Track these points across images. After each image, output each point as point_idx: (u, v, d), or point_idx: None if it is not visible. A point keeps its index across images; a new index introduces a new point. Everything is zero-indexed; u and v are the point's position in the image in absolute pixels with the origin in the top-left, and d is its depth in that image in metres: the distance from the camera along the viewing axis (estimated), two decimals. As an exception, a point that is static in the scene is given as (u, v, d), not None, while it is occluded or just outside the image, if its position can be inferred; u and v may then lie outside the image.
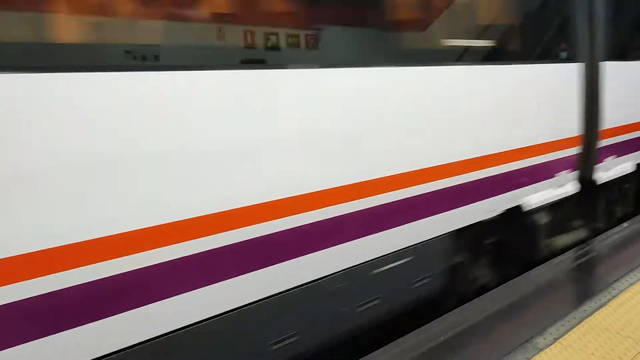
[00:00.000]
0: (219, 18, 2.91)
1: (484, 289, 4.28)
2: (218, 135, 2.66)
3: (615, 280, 4.22)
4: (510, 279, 4.23)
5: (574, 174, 4.80)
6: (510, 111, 4.15)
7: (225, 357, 2.80)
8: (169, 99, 2.50)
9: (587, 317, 3.76)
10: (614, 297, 4.00)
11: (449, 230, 3.81)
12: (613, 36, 5.11)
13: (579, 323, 3.69)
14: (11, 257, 2.07)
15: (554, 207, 4.62)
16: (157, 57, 2.70)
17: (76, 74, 2.26)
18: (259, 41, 2.99)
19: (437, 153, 3.65)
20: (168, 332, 2.55)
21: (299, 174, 2.96)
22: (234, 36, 2.92)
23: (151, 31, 2.69)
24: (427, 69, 3.61)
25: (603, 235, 4.97)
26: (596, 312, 3.81)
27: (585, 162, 4.89)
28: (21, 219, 2.11)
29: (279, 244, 2.87)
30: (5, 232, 2.07)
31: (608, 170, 5.17)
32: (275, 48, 3.05)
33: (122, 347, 2.41)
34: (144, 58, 2.62)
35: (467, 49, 4.06)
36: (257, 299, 2.84)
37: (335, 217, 3.09)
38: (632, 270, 4.37)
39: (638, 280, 4.22)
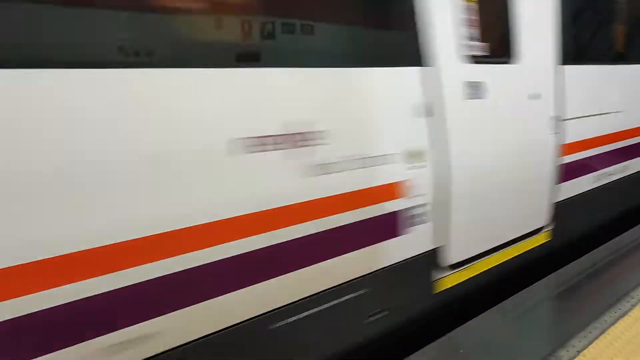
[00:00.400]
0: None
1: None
2: None
3: (633, 288, 4.03)
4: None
5: None
6: None
7: None
8: None
9: (608, 327, 3.55)
10: (633, 306, 3.80)
11: None
12: None
13: (601, 334, 3.48)
14: None
15: None
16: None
17: None
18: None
19: None
20: None
21: None
22: None
23: None
24: None
25: (617, 239, 4.74)
26: (617, 323, 3.60)
27: None
28: None
29: None
30: None
31: None
32: None
33: None
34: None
35: None
36: None
37: None
38: (651, 277, 4.19)
39: (657, 287, 4.03)
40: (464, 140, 3.51)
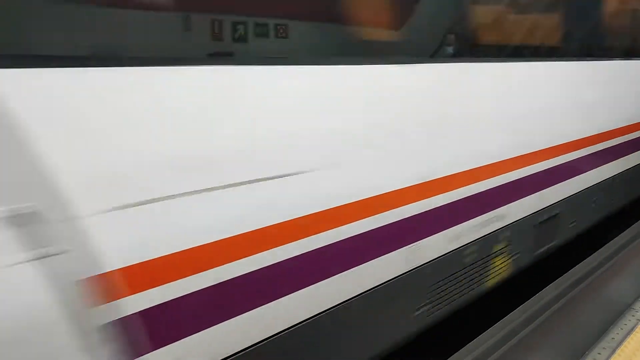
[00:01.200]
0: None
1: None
2: None
3: (635, 300, 3.54)
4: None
5: None
6: None
7: None
8: None
9: (617, 347, 3.04)
10: (639, 320, 3.29)
11: None
12: None
13: (611, 355, 2.96)
14: None
15: None
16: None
17: None
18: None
19: None
20: None
21: None
22: None
23: None
24: None
25: (611, 244, 4.19)
26: (626, 341, 3.09)
27: None
28: None
29: None
30: None
31: None
32: None
33: None
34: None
35: None
36: None
37: None
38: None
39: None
40: None
